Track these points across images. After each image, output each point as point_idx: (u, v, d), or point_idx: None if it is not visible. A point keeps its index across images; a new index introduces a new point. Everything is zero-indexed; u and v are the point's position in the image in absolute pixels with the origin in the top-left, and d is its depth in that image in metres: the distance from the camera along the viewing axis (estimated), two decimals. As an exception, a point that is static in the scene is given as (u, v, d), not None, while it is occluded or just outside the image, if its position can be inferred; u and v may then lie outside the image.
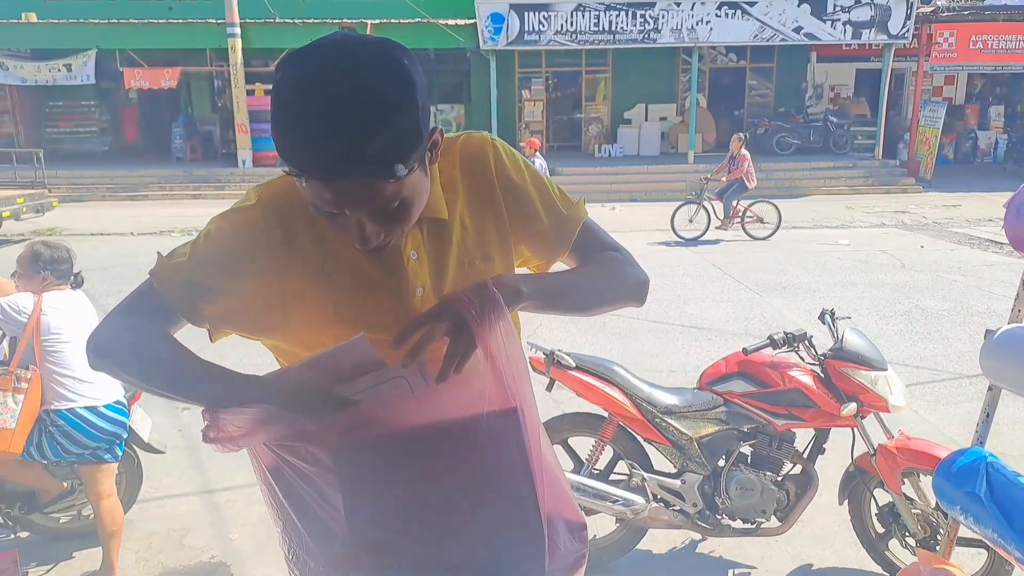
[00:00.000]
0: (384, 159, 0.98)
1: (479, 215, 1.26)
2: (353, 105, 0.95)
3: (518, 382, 1.11)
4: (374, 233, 1.07)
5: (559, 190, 1.36)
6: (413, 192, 1.07)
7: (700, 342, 6.30)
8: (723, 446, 3.09)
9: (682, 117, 19.46)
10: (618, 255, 1.35)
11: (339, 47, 0.99)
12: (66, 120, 19.69)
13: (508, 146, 1.32)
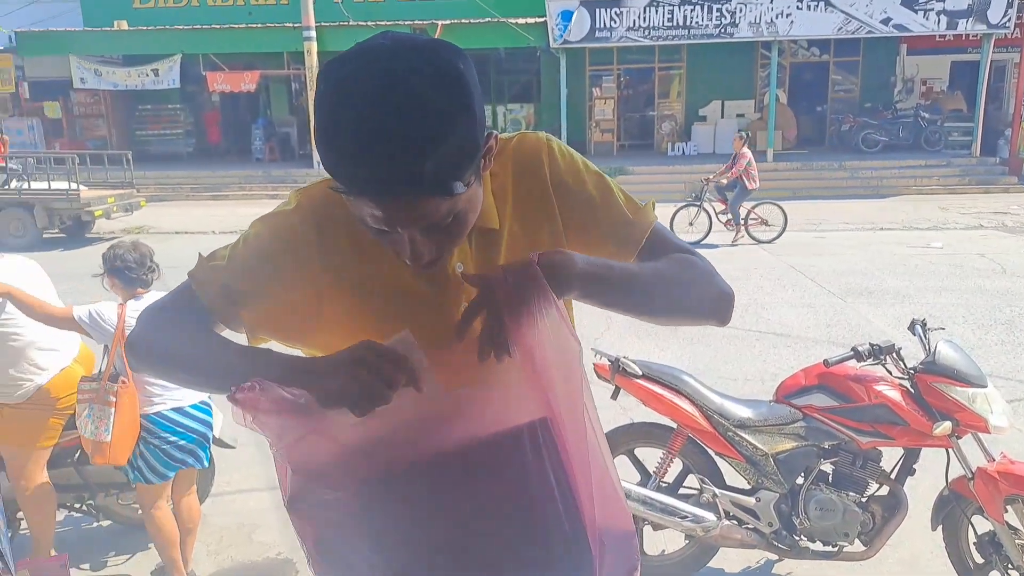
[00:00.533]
0: (441, 177, 0.89)
1: (530, 222, 1.15)
2: (406, 119, 0.85)
3: (560, 379, 0.99)
4: (427, 250, 0.99)
5: (624, 194, 1.21)
6: (468, 205, 0.99)
7: (778, 349, 6.02)
8: (802, 463, 2.90)
9: (760, 114, 18.86)
10: (695, 259, 1.18)
11: (384, 52, 0.89)
12: (154, 123, 20.56)
13: (566, 147, 1.20)
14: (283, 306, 1.11)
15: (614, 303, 1.10)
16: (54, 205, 11.69)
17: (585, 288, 1.02)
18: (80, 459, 3.37)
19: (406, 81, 0.86)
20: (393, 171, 0.87)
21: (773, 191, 15.00)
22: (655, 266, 1.14)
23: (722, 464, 3.06)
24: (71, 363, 3.15)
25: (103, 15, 18.55)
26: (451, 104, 0.88)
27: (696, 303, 1.16)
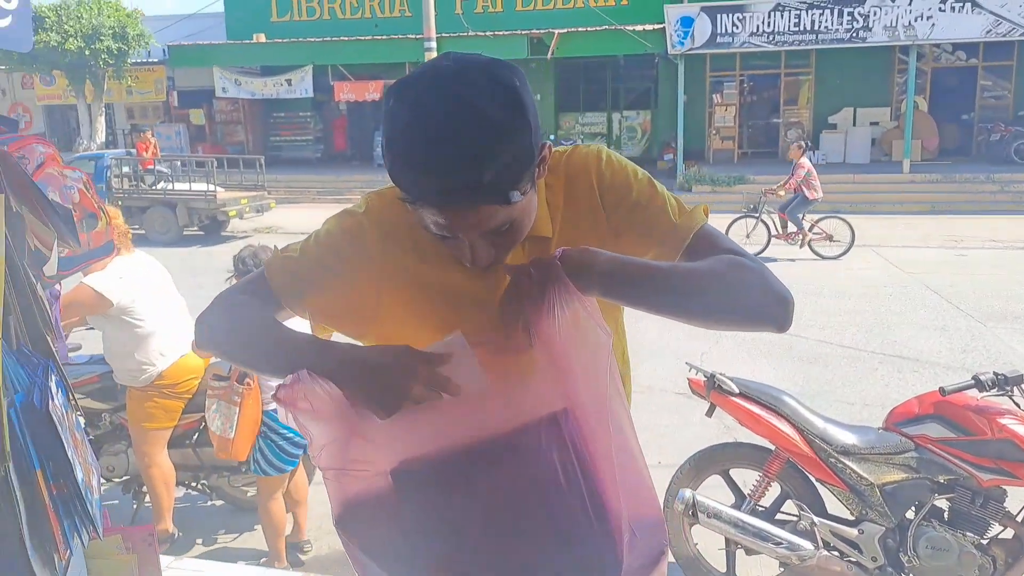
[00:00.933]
0: (499, 186, 0.97)
1: (579, 229, 1.19)
2: (467, 133, 0.94)
3: (581, 370, 1.02)
4: (486, 254, 1.06)
5: (675, 199, 1.20)
6: (524, 212, 1.06)
7: (904, 374, 5.63)
8: (912, 497, 2.70)
9: (897, 122, 17.77)
10: (744, 260, 1.11)
11: (448, 73, 0.98)
12: (286, 129, 21.81)
13: (616, 156, 1.23)
14: (344, 298, 1.18)
15: (645, 302, 1.08)
16: (194, 205, 12.61)
17: (607, 286, 1.04)
18: (198, 441, 3.61)
19: (467, 98, 0.94)
20: (455, 181, 0.94)
21: (908, 204, 14.18)
22: (692, 265, 1.11)
23: (824, 492, 2.89)
24: (190, 351, 3.36)
25: (245, 28, 19.81)
26: (508, 119, 0.96)
27: (743, 305, 1.10)
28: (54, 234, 1.28)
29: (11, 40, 2.68)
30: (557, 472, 1.02)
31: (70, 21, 17.84)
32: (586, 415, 1.03)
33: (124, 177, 13.03)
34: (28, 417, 1.09)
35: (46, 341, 1.22)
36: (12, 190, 1.22)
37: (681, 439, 4.36)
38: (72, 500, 1.16)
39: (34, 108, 22.98)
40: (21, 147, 1.63)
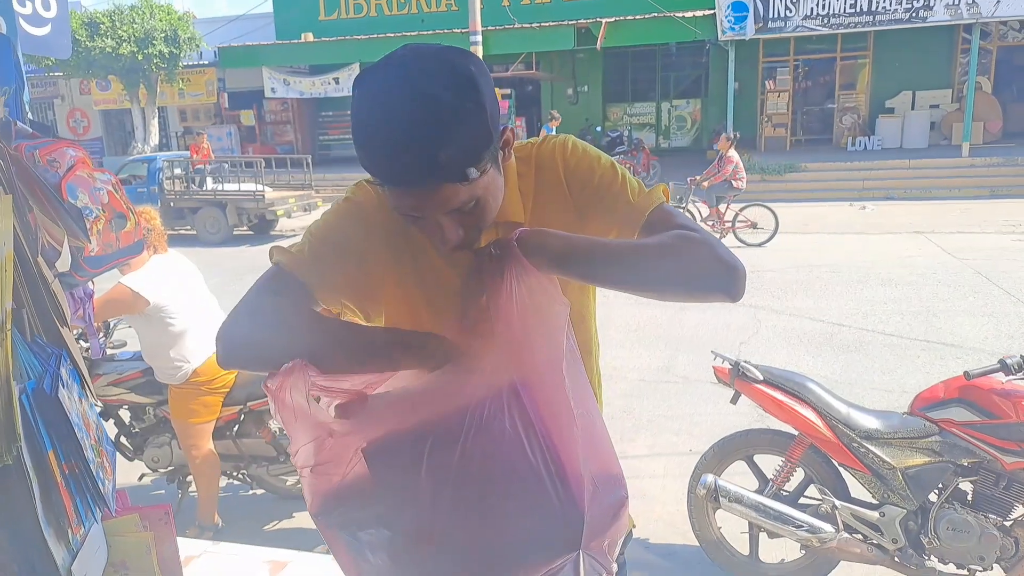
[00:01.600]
0: (455, 164, 1.01)
1: (549, 214, 1.26)
2: (419, 115, 0.99)
3: (539, 340, 1.08)
4: (453, 233, 1.10)
5: (637, 183, 1.27)
6: (487, 192, 1.09)
7: (947, 361, 5.49)
8: (934, 480, 2.68)
9: (959, 104, 17.13)
10: (694, 233, 1.17)
11: (403, 62, 1.03)
12: (334, 128, 22.13)
13: (583, 143, 1.30)
14: (352, 281, 1.21)
15: (598, 277, 1.13)
16: (243, 205, 12.93)
17: (560, 263, 1.08)
18: (238, 432, 3.74)
19: (421, 84, 1.00)
20: (412, 161, 1.00)
21: (965, 189, 13.71)
22: (645, 242, 1.17)
23: (848, 477, 2.89)
24: None
25: (293, 28, 20.17)
26: (460, 101, 1.00)
27: (691, 275, 1.14)
28: (64, 231, 1.38)
29: (51, 47, 2.83)
30: (520, 439, 1.07)
31: (124, 26, 18.44)
32: (544, 382, 1.08)
33: (176, 179, 13.42)
34: (40, 402, 1.19)
35: (59, 332, 1.32)
36: (24, 189, 1.33)
37: (714, 427, 4.36)
38: (83, 479, 1.26)
39: (91, 113, 23.77)
40: (53, 151, 1.74)
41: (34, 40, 2.67)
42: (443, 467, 1.07)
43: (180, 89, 21.02)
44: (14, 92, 1.79)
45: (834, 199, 13.95)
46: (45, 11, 2.74)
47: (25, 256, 1.25)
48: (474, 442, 1.05)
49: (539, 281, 1.06)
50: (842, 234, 10.81)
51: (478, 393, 1.07)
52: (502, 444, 1.06)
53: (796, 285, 7.90)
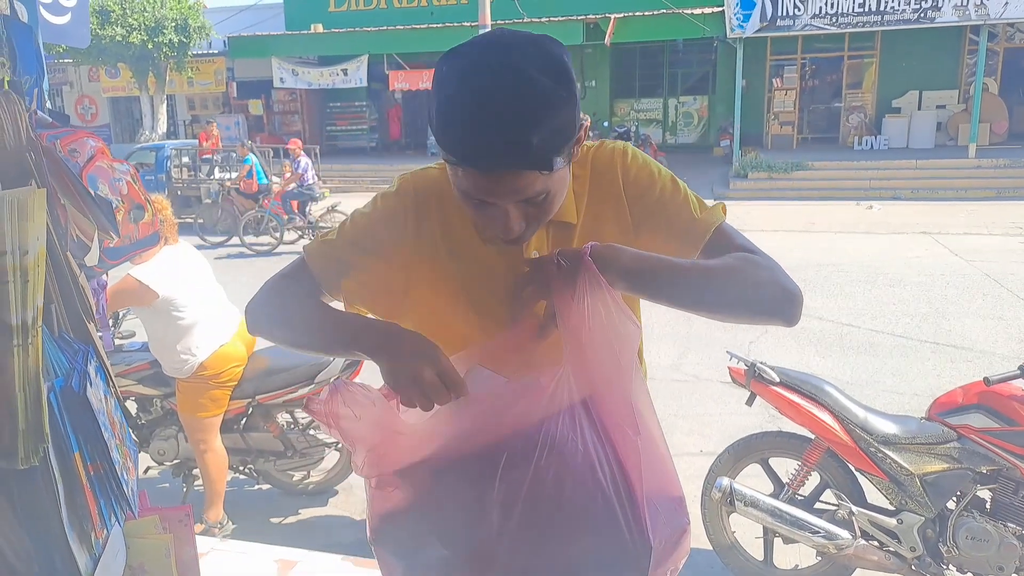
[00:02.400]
0: (545, 152, 1.00)
1: (601, 219, 1.24)
2: (519, 98, 0.97)
3: (608, 359, 1.05)
4: (518, 224, 1.08)
5: (696, 197, 1.26)
6: (558, 186, 1.08)
7: (956, 363, 5.47)
8: (953, 487, 2.65)
9: (965, 105, 17.08)
10: (757, 257, 1.18)
11: (502, 42, 1.02)
12: (342, 119, 22.09)
13: (641, 153, 1.28)
14: (378, 278, 1.24)
15: (664, 297, 1.13)
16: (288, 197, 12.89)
17: (630, 281, 1.08)
18: (245, 426, 3.73)
19: (519, 65, 0.98)
20: (503, 144, 0.98)
21: (972, 190, 13.65)
22: (709, 263, 1.16)
23: (864, 482, 2.87)
24: (230, 340, 3.47)
25: (303, 19, 20.14)
26: (557, 89, 0.99)
27: (755, 301, 1.15)
28: (95, 226, 1.36)
29: (70, 36, 2.80)
30: (590, 459, 1.04)
31: (134, 15, 18.42)
32: (614, 402, 1.06)
33: (183, 167, 13.38)
34: (67, 401, 1.17)
35: (86, 328, 1.30)
36: (56, 183, 1.30)
37: (725, 428, 4.34)
38: (108, 480, 1.23)
39: (100, 100, 23.77)
40: (73, 141, 1.72)
41: (54, 29, 2.65)
42: (515, 486, 1.04)
43: (189, 78, 21.00)
44: (35, 81, 1.77)
45: (841, 198, 13.91)
46: (65, 0, 2.71)
47: (55, 250, 1.23)
48: (547, 462, 1.03)
49: (613, 298, 1.04)
50: (849, 233, 10.78)
51: (550, 409, 1.04)
52: (575, 465, 1.04)
53: (804, 284, 7.80)
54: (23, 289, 1.05)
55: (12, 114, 1.19)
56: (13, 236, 1.05)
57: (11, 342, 1.02)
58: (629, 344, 1.06)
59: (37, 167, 1.22)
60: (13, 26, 1.52)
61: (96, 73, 22.54)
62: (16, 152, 1.18)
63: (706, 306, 1.15)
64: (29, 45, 1.77)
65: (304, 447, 3.77)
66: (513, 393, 1.07)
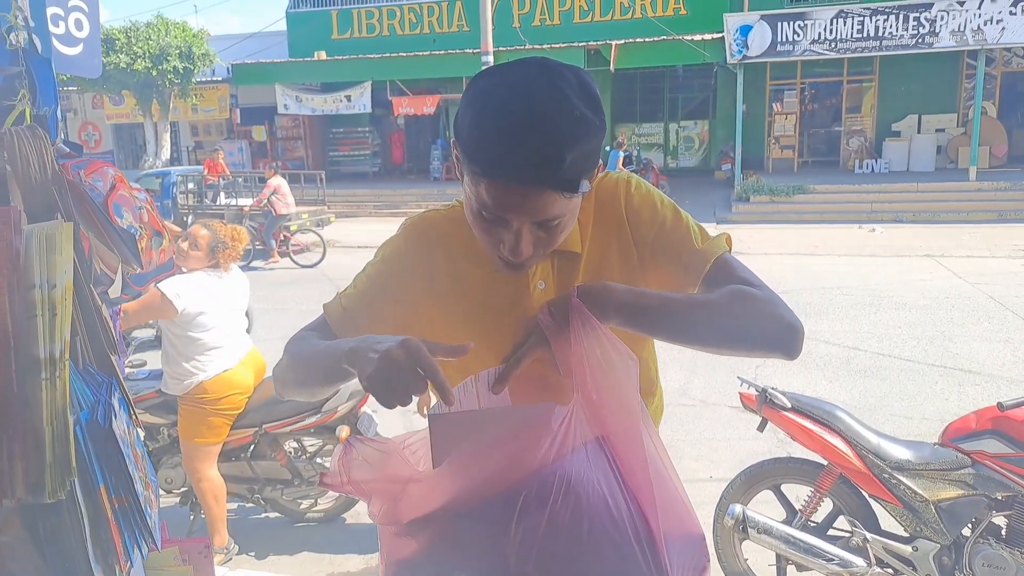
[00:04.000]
0: (574, 174, 1.01)
1: (606, 249, 1.25)
2: (560, 119, 0.99)
3: (613, 397, 1.04)
4: (528, 247, 1.09)
5: (698, 227, 1.26)
6: (571, 215, 1.09)
7: (964, 387, 5.45)
8: (968, 513, 2.63)
9: (964, 128, 17.20)
10: (755, 290, 1.15)
11: (545, 66, 1.04)
12: (345, 144, 22.27)
13: (644, 183, 1.29)
14: (391, 322, 1.25)
15: (660, 331, 1.13)
16: (258, 220, 12.92)
17: (624, 317, 1.08)
18: (253, 454, 3.71)
19: (562, 90, 1.01)
20: (539, 159, 0.99)
21: (974, 213, 13.70)
22: (707, 297, 1.15)
23: (878, 508, 2.85)
24: (236, 365, 3.46)
25: (306, 46, 20.36)
26: (591, 115, 1.02)
27: (753, 335, 1.14)
28: (119, 258, 1.37)
29: (82, 66, 2.83)
30: (606, 498, 1.03)
31: (139, 43, 18.63)
32: (622, 440, 1.06)
33: (190, 193, 13.48)
34: (93, 434, 1.17)
35: (110, 360, 1.30)
36: (79, 215, 1.31)
37: (734, 453, 4.32)
38: (132, 513, 1.23)
39: (103, 127, 23.98)
40: (94, 171, 1.73)
41: (66, 60, 2.67)
42: (532, 528, 1.03)
43: (193, 104, 21.18)
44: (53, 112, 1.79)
45: (843, 221, 13.96)
46: (78, 31, 2.74)
47: (80, 282, 1.23)
48: (564, 503, 1.02)
49: (606, 335, 1.03)
50: (853, 256, 10.80)
51: (564, 449, 1.03)
52: (591, 505, 1.02)
53: (809, 307, 7.87)
54: (51, 323, 1.06)
55: (38, 149, 1.20)
56: (41, 270, 1.05)
57: (40, 376, 1.03)
58: (629, 380, 1.06)
59: (62, 200, 1.23)
60: (33, 59, 1.54)
61: (100, 100, 22.74)
62: (42, 186, 1.19)
63: (703, 340, 1.13)
64: (48, 77, 1.80)
65: (311, 475, 3.76)
66: (525, 432, 1.05)
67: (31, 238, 1.03)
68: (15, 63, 1.33)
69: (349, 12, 21.01)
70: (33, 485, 1.03)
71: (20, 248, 1.02)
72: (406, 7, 20.63)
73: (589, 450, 1.04)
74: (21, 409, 1.04)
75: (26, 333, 1.03)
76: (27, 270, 1.02)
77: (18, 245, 1.01)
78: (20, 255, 1.01)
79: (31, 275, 1.03)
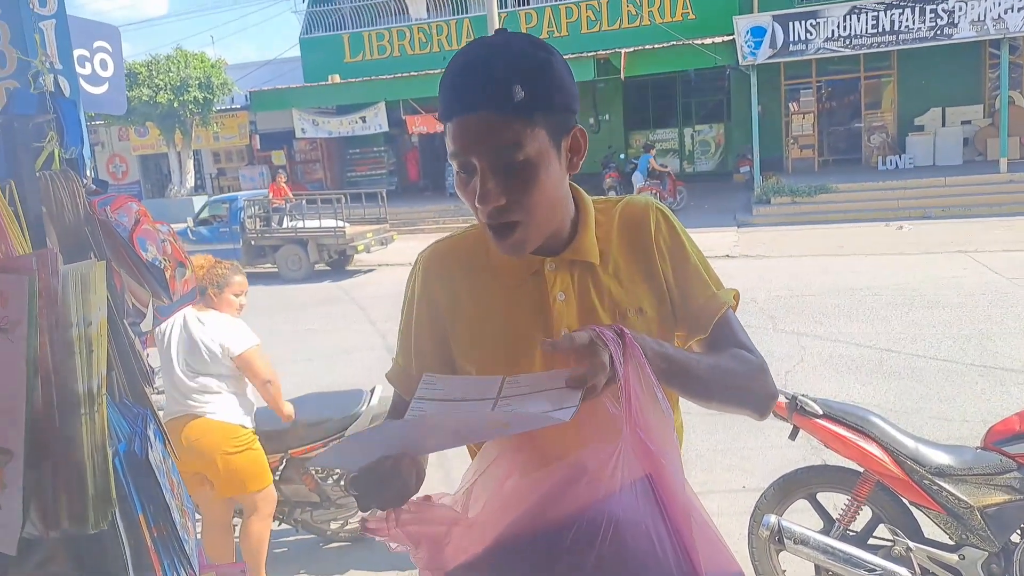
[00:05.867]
0: (504, 87, 1.06)
1: (633, 269, 1.26)
2: (505, 56, 1.08)
3: (662, 438, 1.04)
4: (495, 191, 1.10)
5: (712, 270, 1.31)
6: (538, 157, 1.10)
7: (1007, 387, 5.32)
8: (1016, 519, 2.57)
9: (992, 119, 16.90)
10: (756, 360, 1.26)
11: (501, 33, 1.14)
12: (362, 165, 22.52)
13: (671, 213, 1.32)
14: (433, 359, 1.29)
15: (673, 386, 1.17)
16: (323, 241, 13.04)
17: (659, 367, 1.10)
18: (282, 478, 3.72)
19: (510, 40, 1.11)
20: (482, 83, 1.07)
21: (1007, 205, 13.44)
22: (719, 362, 1.21)
23: (920, 516, 2.78)
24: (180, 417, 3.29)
25: (320, 70, 20.61)
26: (543, 58, 1.10)
27: (744, 399, 1.26)
28: (149, 293, 1.39)
29: (108, 104, 2.90)
30: (651, 539, 1.03)
31: (160, 75, 19.01)
32: (665, 478, 1.05)
33: (257, 218, 13.51)
34: (130, 465, 1.19)
35: (143, 392, 1.32)
36: (111, 253, 1.33)
37: (767, 462, 4.27)
38: (171, 541, 1.25)
39: (130, 159, 24.49)
40: (119, 207, 1.77)
41: (93, 99, 2.74)
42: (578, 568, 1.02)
43: (214, 132, 21.56)
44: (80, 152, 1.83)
45: (869, 220, 13.77)
46: (103, 71, 2.80)
47: (113, 318, 1.25)
48: (611, 544, 1.01)
49: (653, 379, 1.04)
50: (881, 255, 10.64)
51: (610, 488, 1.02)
52: (638, 546, 1.02)
53: (838, 309, 7.77)
54: (88, 359, 1.07)
55: (71, 191, 1.23)
56: (78, 309, 1.07)
57: (79, 411, 1.05)
58: (669, 418, 1.07)
59: (94, 239, 1.26)
60: (59, 102, 1.58)
61: (125, 132, 23.27)
62: (75, 227, 1.22)
63: (707, 399, 1.21)
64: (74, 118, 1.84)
65: (339, 497, 3.78)
66: (572, 473, 1.05)
67: (67, 278, 1.05)
68: (43, 108, 1.36)
69: (360, 35, 21.26)
70: (77, 517, 1.05)
71: (58, 289, 1.03)
72: (415, 27, 20.83)
73: (637, 488, 1.03)
74: (63, 444, 1.06)
75: (65, 370, 1.05)
76: (64, 310, 1.04)
77: (55, 286, 1.03)
78: (58, 296, 1.03)
79: (68, 314, 1.04)
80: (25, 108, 1.38)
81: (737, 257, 11.01)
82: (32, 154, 1.33)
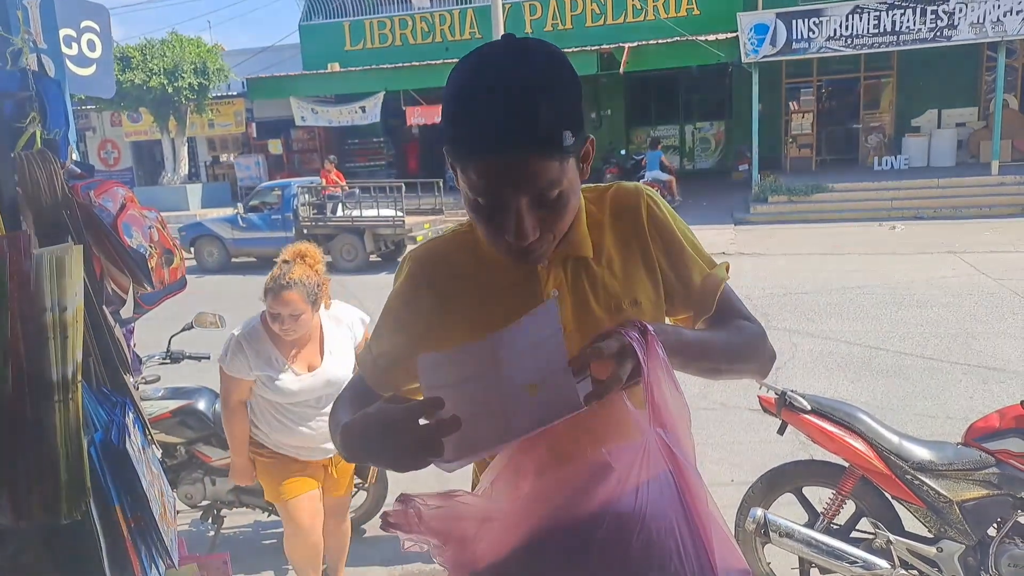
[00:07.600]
0: (552, 131, 1.00)
1: (626, 258, 1.24)
2: (523, 81, 0.99)
3: (682, 433, 1.07)
4: (532, 227, 1.06)
5: (703, 249, 1.32)
6: (570, 187, 1.07)
7: (989, 385, 5.37)
8: (993, 513, 2.60)
9: (986, 122, 16.93)
10: (756, 327, 1.32)
11: (505, 43, 1.05)
12: (361, 155, 22.33)
13: (661, 199, 1.30)
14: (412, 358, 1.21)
15: (690, 369, 1.21)
16: (380, 231, 12.58)
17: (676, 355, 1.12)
18: None
19: (523, 57, 1.02)
20: (510, 121, 0.98)
21: (997, 208, 13.49)
22: (728, 339, 1.25)
23: (901, 510, 2.81)
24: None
25: (320, 58, 20.47)
26: (559, 71, 1.03)
27: (751, 367, 1.31)
28: (130, 279, 1.38)
29: (96, 87, 2.87)
30: (675, 534, 1.04)
31: (154, 60, 18.84)
32: (685, 474, 1.06)
33: (310, 205, 13.02)
34: (107, 454, 1.18)
35: (123, 380, 1.32)
36: (91, 237, 1.33)
37: (755, 456, 4.29)
38: (148, 532, 1.25)
39: (122, 144, 24.23)
40: (104, 191, 1.76)
41: (80, 80, 2.71)
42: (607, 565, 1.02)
43: (209, 119, 21.39)
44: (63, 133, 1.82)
45: (863, 219, 13.80)
46: (90, 52, 2.78)
47: (91, 304, 1.25)
48: (640, 538, 1.02)
49: (670, 373, 1.05)
50: (873, 255, 10.68)
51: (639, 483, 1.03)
52: (662, 541, 1.02)
53: (830, 307, 7.80)
54: (63, 345, 1.07)
55: (48, 172, 1.22)
56: (52, 293, 1.07)
57: (52, 398, 1.04)
58: (687, 413, 1.08)
59: (72, 223, 1.25)
60: (42, 82, 1.57)
61: (118, 118, 22.97)
62: (52, 209, 1.21)
63: (716, 373, 1.26)
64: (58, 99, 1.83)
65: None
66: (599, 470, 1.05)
67: (41, 262, 1.04)
68: (24, 86, 1.35)
69: (361, 23, 21.09)
70: (49, 506, 1.05)
71: (31, 272, 1.03)
72: (418, 16, 20.68)
73: (662, 483, 1.03)
74: (35, 432, 1.05)
75: (38, 356, 1.04)
76: (38, 294, 1.04)
77: (28, 269, 1.02)
78: (31, 279, 1.03)
79: (42, 299, 1.04)
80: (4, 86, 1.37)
81: (733, 255, 11.03)
82: (12, 134, 1.32)
